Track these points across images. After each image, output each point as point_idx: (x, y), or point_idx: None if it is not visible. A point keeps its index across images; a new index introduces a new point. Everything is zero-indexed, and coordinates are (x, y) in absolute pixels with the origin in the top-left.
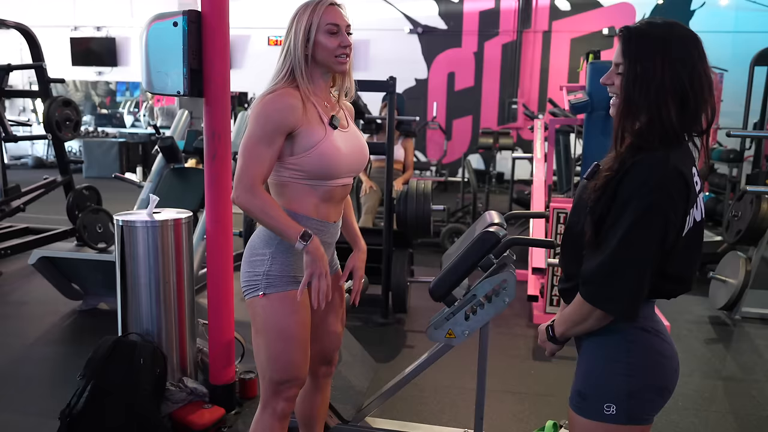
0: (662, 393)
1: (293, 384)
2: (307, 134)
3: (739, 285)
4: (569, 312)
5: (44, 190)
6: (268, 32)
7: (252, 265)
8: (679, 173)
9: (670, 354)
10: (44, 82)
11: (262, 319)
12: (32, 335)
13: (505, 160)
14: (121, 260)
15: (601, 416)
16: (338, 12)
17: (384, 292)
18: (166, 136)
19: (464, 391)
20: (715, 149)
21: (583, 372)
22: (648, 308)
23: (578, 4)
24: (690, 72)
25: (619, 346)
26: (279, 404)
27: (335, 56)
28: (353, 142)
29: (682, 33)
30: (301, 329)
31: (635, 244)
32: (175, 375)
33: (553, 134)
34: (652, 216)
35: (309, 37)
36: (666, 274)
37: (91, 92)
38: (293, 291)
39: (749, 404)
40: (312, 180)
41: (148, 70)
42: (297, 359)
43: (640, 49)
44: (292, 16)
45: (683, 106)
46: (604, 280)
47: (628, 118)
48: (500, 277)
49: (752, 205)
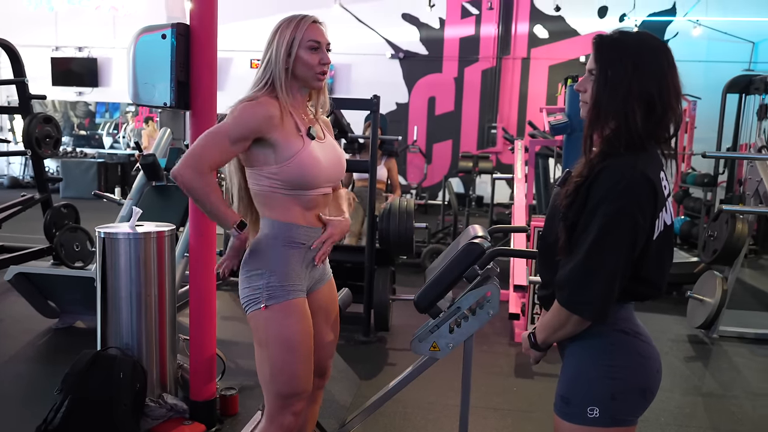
0: (644, 394)
1: (300, 397)
2: (285, 145)
3: (716, 304)
4: (548, 318)
5: (21, 207)
6: (251, 55)
7: (250, 281)
8: (647, 178)
9: (651, 355)
10: (25, 98)
11: (264, 331)
12: (6, 353)
13: (485, 183)
14: (102, 273)
15: (585, 420)
16: (320, 30)
17: (366, 309)
18: (147, 154)
19: (448, 408)
20: (689, 174)
21: (566, 377)
22: (626, 311)
23: (556, 32)
24: (659, 80)
25: (601, 349)
26: (286, 418)
27: (315, 72)
28: (331, 152)
29: (653, 42)
30: (305, 338)
31: (605, 248)
32: (155, 391)
33: (533, 156)
34: (620, 220)
35: (291, 52)
36: (639, 277)
37: (70, 113)
38: (295, 299)
39: (729, 420)
40: (292, 190)
41: (135, 82)
42: (302, 371)
43: (611, 55)
44: (274, 29)
45: (650, 112)
46: (577, 285)
47: (597, 123)
48: (484, 289)
49: (727, 225)
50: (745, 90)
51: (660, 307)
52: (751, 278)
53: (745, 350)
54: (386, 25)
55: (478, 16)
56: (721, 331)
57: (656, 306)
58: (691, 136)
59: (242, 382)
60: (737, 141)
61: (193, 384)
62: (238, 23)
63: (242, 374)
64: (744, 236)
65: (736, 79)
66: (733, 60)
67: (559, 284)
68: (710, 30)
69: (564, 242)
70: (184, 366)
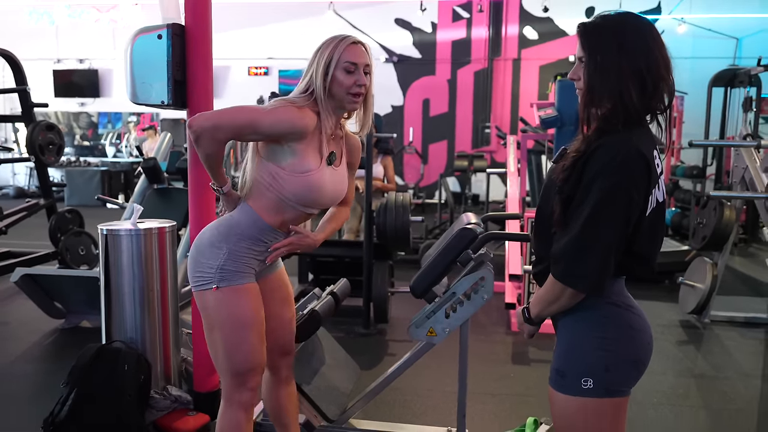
0: (637, 366)
1: (255, 372)
2: (304, 159)
3: (707, 289)
4: (542, 292)
5: (26, 213)
6: (249, 62)
7: (205, 257)
8: (641, 154)
9: (642, 327)
10: (27, 107)
11: (215, 312)
12: (13, 353)
13: (480, 182)
14: (105, 269)
15: (579, 391)
16: (359, 50)
17: (365, 303)
18: (149, 157)
19: (446, 394)
20: (679, 166)
21: (560, 350)
22: (618, 284)
23: (545, 33)
24: (646, 55)
25: (594, 322)
26: (243, 395)
27: (348, 93)
28: (337, 180)
29: (634, 20)
30: (256, 315)
31: (601, 221)
32: (159, 383)
33: (525, 151)
34: (616, 194)
35: (328, 71)
36: (631, 252)
37: (73, 124)
38: (247, 284)
39: (721, 399)
40: (287, 199)
41: (132, 82)
42: (255, 346)
43: (597, 39)
44: (318, 47)
45: (643, 87)
46: (573, 258)
47: (592, 106)
48: (478, 274)
49: (716, 211)
50: (730, 83)
51: (653, 295)
52: (741, 265)
53: (736, 333)
54: (380, 30)
55: (469, 19)
56: (712, 316)
57: (649, 293)
58: (679, 130)
59: None
60: (724, 133)
61: (196, 375)
62: (235, 31)
63: None
64: (732, 222)
65: (721, 73)
66: (718, 56)
67: (554, 257)
68: (695, 27)
69: (559, 215)
70: (187, 359)
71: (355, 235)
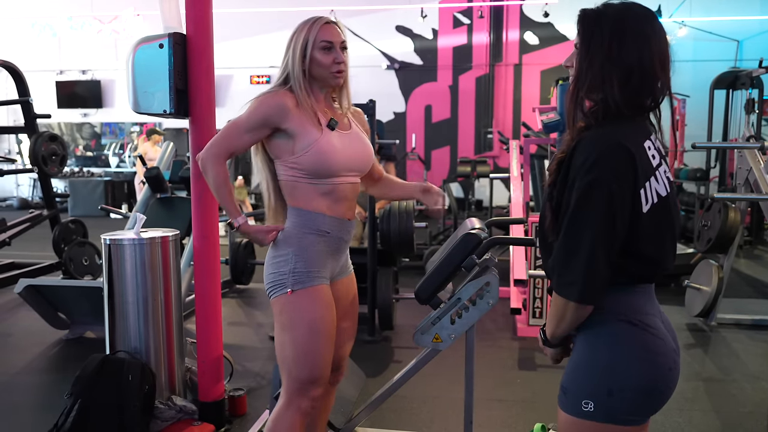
0: (650, 393)
1: (318, 384)
2: (303, 134)
3: (713, 292)
4: (551, 309)
5: (30, 224)
6: (251, 71)
7: (276, 266)
8: (622, 147)
9: (661, 351)
10: (30, 118)
11: (290, 315)
12: (17, 364)
13: (483, 187)
14: (108, 279)
15: (579, 412)
16: (333, 29)
17: (370, 309)
18: (152, 167)
19: (453, 402)
20: (682, 169)
21: (568, 367)
22: (637, 298)
23: (546, 38)
24: (640, 48)
25: (600, 340)
26: (304, 402)
27: (330, 72)
28: (353, 141)
29: (638, 10)
30: (329, 323)
31: (581, 223)
32: (164, 393)
33: (528, 155)
34: (592, 193)
35: (305, 54)
36: (635, 254)
37: (77, 135)
38: (321, 285)
39: (730, 402)
40: (314, 178)
41: (134, 91)
42: (324, 357)
43: (593, 28)
44: (291, 33)
45: (627, 81)
46: (562, 267)
47: (578, 95)
48: (483, 279)
49: (720, 213)
50: (731, 86)
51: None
52: (746, 268)
53: (743, 336)
54: (381, 37)
55: (470, 25)
56: (719, 319)
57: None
58: (682, 133)
59: (250, 384)
60: (727, 135)
61: (201, 385)
62: (237, 40)
63: (250, 377)
64: (737, 224)
65: (723, 75)
66: (719, 59)
67: (549, 270)
68: (696, 30)
69: (551, 222)
70: (192, 369)
71: (359, 241)
